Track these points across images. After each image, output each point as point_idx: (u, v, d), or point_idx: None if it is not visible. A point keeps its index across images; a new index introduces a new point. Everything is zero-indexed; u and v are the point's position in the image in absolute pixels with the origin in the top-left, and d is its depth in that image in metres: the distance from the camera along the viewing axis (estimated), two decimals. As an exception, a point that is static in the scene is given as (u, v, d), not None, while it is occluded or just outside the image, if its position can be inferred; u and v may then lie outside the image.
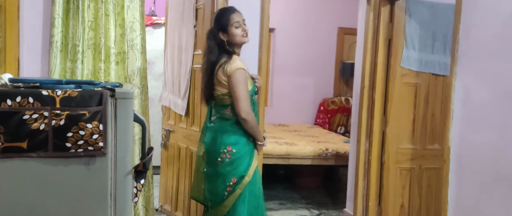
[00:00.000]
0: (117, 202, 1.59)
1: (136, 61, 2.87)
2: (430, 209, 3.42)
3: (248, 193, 2.45)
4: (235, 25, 2.42)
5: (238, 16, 2.44)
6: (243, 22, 2.46)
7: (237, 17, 2.44)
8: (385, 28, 3.28)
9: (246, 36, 2.46)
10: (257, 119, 2.51)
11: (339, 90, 5.96)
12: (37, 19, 2.72)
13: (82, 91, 1.51)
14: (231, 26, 2.42)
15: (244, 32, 2.44)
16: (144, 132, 1.72)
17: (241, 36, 2.44)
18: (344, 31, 5.87)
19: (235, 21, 2.42)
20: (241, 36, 2.44)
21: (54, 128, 1.48)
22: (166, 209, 3.73)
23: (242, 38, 2.45)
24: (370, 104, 3.36)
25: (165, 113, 3.80)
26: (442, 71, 3.34)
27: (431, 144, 3.40)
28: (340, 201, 4.18)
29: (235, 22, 2.42)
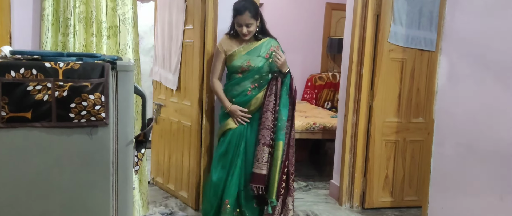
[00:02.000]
0: (119, 171, 1.66)
1: (128, 35, 2.88)
2: (413, 179, 3.58)
3: (216, 153, 2.98)
4: (238, 24, 2.81)
5: (243, 20, 2.77)
6: (246, 25, 2.78)
7: (241, 20, 2.78)
8: (373, 4, 3.34)
9: (245, 36, 2.83)
10: (252, 95, 2.87)
11: (326, 65, 6.04)
12: (28, -8, 2.70)
13: (84, 63, 1.54)
14: (236, 23, 2.83)
15: (242, 33, 2.80)
16: (144, 103, 1.77)
17: (241, 33, 2.83)
18: (332, 6, 5.90)
19: (238, 22, 2.80)
20: (241, 33, 2.83)
21: (57, 99, 1.52)
22: (158, 181, 3.81)
23: (241, 34, 2.84)
24: (358, 79, 3.45)
25: (156, 88, 3.84)
26: (428, 47, 3.43)
27: (415, 117, 3.52)
28: (327, 173, 4.32)
29: (238, 22, 2.80)
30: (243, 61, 2.83)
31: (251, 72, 2.84)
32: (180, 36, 3.36)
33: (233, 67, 2.86)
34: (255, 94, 2.86)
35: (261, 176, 2.80)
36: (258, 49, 2.86)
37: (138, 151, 1.74)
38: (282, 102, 2.81)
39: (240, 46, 2.87)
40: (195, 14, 3.21)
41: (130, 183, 1.70)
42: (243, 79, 2.86)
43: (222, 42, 2.91)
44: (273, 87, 2.82)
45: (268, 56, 2.85)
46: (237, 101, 2.88)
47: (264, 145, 2.79)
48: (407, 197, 3.58)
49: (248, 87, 2.86)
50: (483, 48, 2.24)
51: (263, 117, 2.81)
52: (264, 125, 2.80)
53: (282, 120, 2.80)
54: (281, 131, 2.80)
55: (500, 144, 2.14)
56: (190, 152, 3.35)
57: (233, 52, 2.86)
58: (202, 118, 3.22)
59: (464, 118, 2.35)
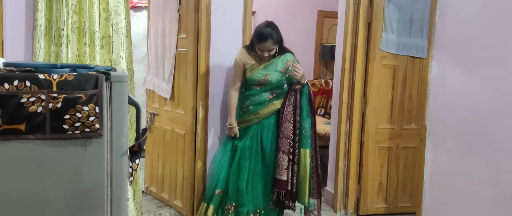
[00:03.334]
0: (113, 182, 1.65)
1: (121, 45, 2.88)
2: (406, 186, 3.60)
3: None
4: (260, 49, 2.93)
5: (264, 47, 2.89)
6: (268, 51, 2.91)
7: (263, 47, 2.90)
8: (365, 12, 3.38)
9: (266, 58, 2.96)
10: (263, 101, 3.00)
11: (319, 72, 6.07)
12: (20, 3, 2.70)
13: (78, 74, 1.54)
14: (257, 47, 2.94)
15: (264, 56, 2.93)
16: (138, 114, 1.77)
17: (262, 56, 2.95)
18: (324, 14, 5.95)
19: (260, 48, 2.92)
20: (262, 56, 2.95)
21: (51, 111, 1.52)
22: (152, 190, 3.79)
23: (263, 57, 2.96)
24: (350, 86, 3.47)
25: (149, 97, 3.83)
26: (419, 54, 3.47)
27: (408, 124, 3.55)
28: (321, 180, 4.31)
29: (260, 47, 2.92)
30: (260, 76, 2.96)
31: (268, 85, 2.98)
32: (174, 45, 3.37)
33: (251, 80, 2.99)
34: (273, 102, 3.02)
35: (282, 182, 2.95)
36: (275, 64, 2.98)
37: (133, 162, 1.73)
38: (304, 112, 2.95)
39: (257, 60, 2.99)
40: (188, 23, 3.22)
41: (125, 194, 1.70)
42: (261, 91, 2.99)
43: (241, 54, 3.02)
44: (292, 98, 2.96)
45: (285, 71, 2.97)
46: (253, 109, 3.01)
47: (283, 153, 2.94)
48: (401, 204, 3.60)
49: (266, 98, 3.00)
50: (474, 55, 2.27)
51: (283, 126, 2.96)
52: (284, 134, 2.95)
53: (306, 128, 2.93)
54: (306, 139, 2.94)
55: (491, 150, 2.16)
56: (184, 160, 3.34)
57: (251, 66, 2.98)
58: (196, 126, 3.22)
59: (456, 124, 2.37)
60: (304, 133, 2.95)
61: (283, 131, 2.96)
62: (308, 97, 3.00)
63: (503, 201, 2.12)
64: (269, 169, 3.03)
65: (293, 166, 2.96)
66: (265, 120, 3.02)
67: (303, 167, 2.95)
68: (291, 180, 2.96)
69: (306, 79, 2.99)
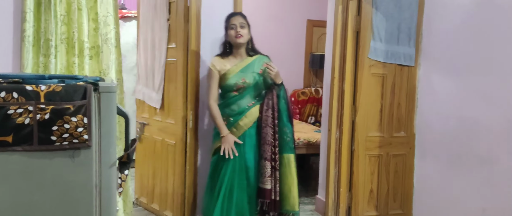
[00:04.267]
0: (102, 193, 1.64)
1: (110, 55, 2.87)
2: (397, 193, 3.61)
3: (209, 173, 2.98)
4: (231, 27, 2.85)
5: (236, 19, 2.83)
6: (240, 24, 2.83)
7: (235, 20, 2.83)
8: (353, 21, 3.41)
9: (239, 37, 2.83)
10: (242, 110, 2.88)
11: (309, 81, 6.10)
12: (7, 14, 2.68)
13: (66, 85, 1.54)
14: (228, 28, 2.86)
15: (236, 33, 2.82)
16: (127, 124, 1.77)
17: (234, 37, 2.84)
18: (313, 23, 6.00)
19: (232, 24, 2.85)
20: (234, 37, 2.84)
21: (39, 122, 1.50)
22: (142, 201, 3.76)
23: (234, 38, 2.84)
24: (340, 95, 3.49)
25: (139, 107, 3.82)
26: (407, 62, 3.50)
27: (397, 131, 3.57)
28: (312, 188, 4.32)
29: (231, 24, 2.85)
30: (238, 79, 2.86)
31: (247, 89, 2.88)
32: (163, 54, 3.37)
33: (228, 86, 2.88)
34: (251, 109, 2.90)
35: (267, 191, 2.85)
36: (252, 65, 2.91)
37: (122, 173, 1.72)
38: (284, 116, 2.87)
39: (233, 64, 2.90)
40: (178, 33, 3.23)
41: (114, 206, 1.68)
42: (240, 97, 2.89)
43: (214, 62, 2.92)
44: (269, 102, 2.86)
45: (262, 72, 2.90)
46: (233, 121, 2.88)
47: (266, 160, 2.85)
48: (392, 211, 3.61)
49: (245, 105, 2.90)
50: (460, 64, 2.31)
51: (263, 132, 2.85)
52: (265, 140, 2.85)
53: (287, 133, 2.86)
54: (289, 145, 2.87)
55: (480, 158, 2.19)
56: (174, 171, 3.32)
57: (227, 71, 2.88)
58: (186, 136, 3.21)
59: (444, 132, 2.40)
60: (286, 138, 2.87)
61: (264, 137, 2.86)
62: (286, 100, 2.91)
63: (492, 209, 2.14)
64: (252, 184, 2.90)
65: (275, 173, 2.87)
66: (246, 131, 2.90)
67: (289, 173, 2.87)
68: (274, 188, 2.87)
69: (281, 79, 2.91)
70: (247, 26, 2.89)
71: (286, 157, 2.86)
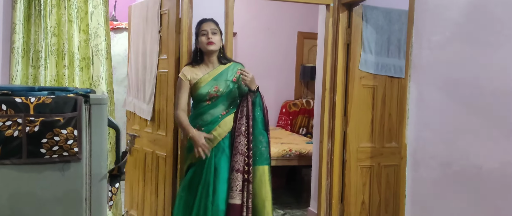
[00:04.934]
0: (92, 207, 1.61)
1: (101, 67, 2.86)
2: (389, 204, 3.61)
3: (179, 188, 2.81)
4: (202, 33, 2.72)
5: (207, 25, 2.71)
6: (212, 31, 2.70)
7: (206, 26, 2.71)
8: (343, 33, 3.44)
9: (211, 44, 2.70)
10: (215, 119, 2.72)
11: (300, 92, 6.12)
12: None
13: (56, 97, 1.52)
14: (200, 34, 2.74)
15: (208, 40, 2.68)
16: (118, 136, 1.75)
17: (205, 43, 2.71)
18: (304, 35, 6.04)
19: (203, 30, 2.72)
20: (205, 43, 2.71)
21: (28, 135, 1.48)
22: (132, 214, 3.71)
23: (205, 45, 2.71)
24: (331, 106, 3.50)
25: (129, 118, 3.79)
26: (397, 74, 3.54)
27: (388, 142, 3.59)
28: (304, 200, 4.31)
29: (202, 30, 2.72)
30: (210, 87, 2.70)
31: (220, 98, 2.72)
32: (154, 66, 3.35)
33: (200, 95, 2.71)
34: (224, 118, 2.72)
35: (236, 207, 2.57)
36: (225, 73, 2.75)
37: (112, 186, 1.70)
38: (259, 125, 2.68)
39: (205, 72, 2.75)
40: (169, 44, 3.22)
41: (104, 219, 1.66)
42: (212, 106, 2.72)
43: (185, 71, 2.78)
44: (244, 109, 2.68)
45: (236, 80, 2.74)
46: (207, 130, 2.69)
47: (237, 172, 2.60)
48: (384, 222, 3.61)
49: (218, 114, 2.72)
50: (449, 75, 2.33)
51: (236, 142, 2.64)
52: (237, 150, 2.63)
53: (263, 143, 2.67)
54: (264, 156, 2.67)
55: (471, 168, 2.20)
56: (165, 183, 3.29)
57: (199, 80, 2.72)
58: (177, 148, 3.19)
59: (435, 143, 2.41)
60: (260, 148, 2.65)
61: (237, 146, 2.63)
62: (262, 108, 2.73)
63: (483, 218, 2.15)
64: (222, 200, 2.62)
65: (248, 187, 2.60)
66: (220, 143, 2.69)
67: (263, 187, 2.62)
68: (246, 203, 2.59)
69: (257, 86, 2.71)
70: (219, 32, 2.77)
71: (261, 169, 2.63)
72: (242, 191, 2.59)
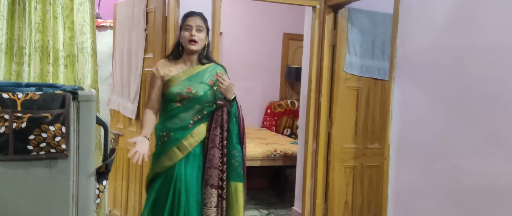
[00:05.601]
0: (79, 204, 1.60)
1: (86, 64, 2.83)
2: (371, 204, 3.67)
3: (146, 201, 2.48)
4: (186, 28, 2.42)
5: (193, 21, 2.42)
6: (197, 28, 2.41)
7: (192, 21, 2.41)
8: (329, 35, 3.49)
9: (193, 44, 2.39)
10: (185, 125, 2.41)
11: (285, 93, 6.16)
12: (-20, 20, 2.61)
13: (44, 93, 1.50)
14: (183, 28, 2.44)
15: (191, 37, 2.39)
16: (106, 134, 1.74)
17: (187, 41, 2.40)
18: (289, 36, 6.08)
19: (187, 24, 2.42)
20: (187, 41, 2.40)
21: (15, 131, 1.46)
22: (115, 214, 3.67)
23: (187, 43, 2.41)
24: (316, 107, 3.54)
25: (113, 117, 3.75)
26: (381, 76, 3.60)
27: (371, 143, 3.64)
28: (288, 200, 4.34)
29: (186, 25, 2.42)
30: (182, 87, 2.39)
31: (192, 101, 2.40)
32: (140, 64, 3.34)
33: (171, 95, 2.40)
34: (196, 127, 2.43)
35: None
36: (202, 74, 2.44)
37: (100, 183, 1.69)
38: (234, 138, 2.42)
39: (180, 70, 2.44)
40: (156, 43, 3.21)
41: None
42: (183, 109, 2.41)
43: (159, 66, 2.47)
44: (218, 119, 2.41)
45: (213, 83, 2.43)
46: (174, 137, 2.40)
47: (212, 188, 2.39)
48: (366, 222, 3.66)
49: (189, 120, 2.41)
50: (432, 78, 2.39)
51: (210, 154, 2.39)
52: (212, 163, 2.39)
53: (236, 157, 2.41)
54: (238, 171, 2.42)
55: (453, 169, 2.26)
56: (150, 182, 3.27)
57: (172, 77, 2.42)
58: (162, 147, 3.17)
59: (418, 144, 2.46)
60: (234, 163, 2.41)
61: (211, 159, 2.39)
62: (238, 119, 2.44)
63: (463, 217, 2.20)
64: (193, 211, 2.39)
65: (222, 203, 2.40)
66: (190, 151, 2.41)
67: (235, 205, 2.39)
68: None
69: (234, 95, 2.41)
70: (205, 30, 2.45)
71: (233, 186, 2.40)
72: (216, 207, 2.40)
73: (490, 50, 2.09)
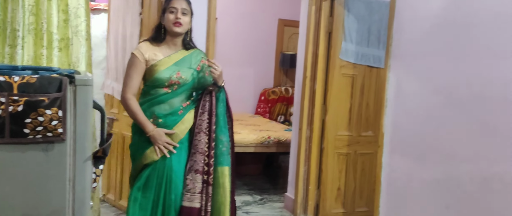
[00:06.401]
0: (76, 188, 1.60)
1: (80, 48, 2.80)
2: (363, 191, 3.71)
3: (133, 189, 2.38)
4: (170, 10, 2.35)
5: (178, 3, 2.35)
6: (182, 10, 2.35)
7: (177, 4, 2.35)
8: (326, 22, 3.48)
9: (178, 25, 2.34)
10: (175, 110, 2.38)
11: (279, 80, 6.16)
12: (-29, 1, 2.56)
13: (41, 77, 1.49)
14: (167, 11, 2.36)
15: (176, 19, 2.33)
16: (103, 118, 1.73)
17: (172, 23, 2.34)
18: (284, 23, 6.06)
19: (172, 6, 2.35)
20: (172, 23, 2.34)
21: (11, 114, 1.45)
22: (109, 198, 3.68)
23: (171, 25, 2.35)
24: (311, 94, 3.55)
25: (107, 101, 3.74)
26: (376, 64, 3.60)
27: (365, 131, 3.67)
28: (281, 186, 4.38)
29: (171, 7, 2.35)
30: (172, 73, 2.34)
31: (183, 86, 2.37)
32: (135, 49, 3.31)
33: (159, 80, 2.33)
34: (186, 113, 2.40)
35: (194, 210, 2.32)
36: (188, 59, 2.42)
37: (96, 167, 1.69)
38: (221, 122, 2.40)
39: (166, 55, 2.38)
40: (150, 27, 3.17)
41: (88, 200, 1.65)
42: (172, 95, 2.36)
43: (142, 49, 2.37)
44: (206, 104, 2.40)
45: (200, 69, 2.42)
46: (164, 123, 2.35)
47: (196, 173, 2.34)
48: (358, 208, 3.71)
49: (179, 106, 2.38)
50: (427, 67, 2.40)
51: (195, 139, 2.36)
52: (197, 148, 2.35)
53: (223, 142, 2.39)
54: (224, 156, 2.39)
55: (446, 157, 2.29)
56: (144, 167, 3.27)
57: (158, 62, 2.34)
58: (157, 132, 3.17)
59: (412, 132, 2.49)
60: (221, 148, 2.38)
61: (196, 145, 2.36)
62: (226, 104, 2.44)
63: (456, 206, 2.24)
64: (174, 203, 2.33)
65: (208, 189, 2.35)
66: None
67: (221, 190, 2.35)
68: (205, 207, 2.34)
69: (223, 81, 2.42)
70: (189, 13, 2.40)
71: (220, 170, 2.36)
72: (201, 194, 2.34)
73: (485, 38, 2.11)
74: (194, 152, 2.36)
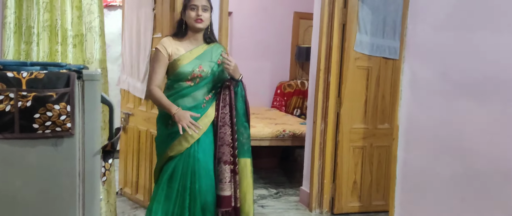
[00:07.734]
0: (86, 182, 1.62)
1: (94, 44, 2.83)
2: (380, 184, 3.66)
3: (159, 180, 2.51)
4: (191, 7, 2.47)
5: (199, 1, 2.48)
6: (203, 7, 2.48)
7: (197, 1, 2.47)
8: (339, 13, 3.43)
9: (199, 22, 2.46)
10: (198, 103, 2.48)
11: (295, 73, 6.12)
12: (-12, -1, 2.62)
13: (49, 72, 1.51)
14: (188, 8, 2.49)
15: (197, 16, 2.46)
16: (111, 113, 1.75)
17: (193, 20, 2.47)
18: (300, 15, 6.00)
19: (193, 4, 2.48)
20: (193, 20, 2.47)
21: (20, 110, 1.48)
22: (126, 192, 3.74)
23: (193, 21, 2.47)
24: (325, 87, 3.51)
25: (123, 96, 3.78)
26: (392, 55, 3.54)
27: (381, 123, 3.61)
28: (296, 180, 4.36)
29: (192, 4, 2.48)
30: (194, 66, 2.45)
31: (204, 80, 2.49)
32: (149, 44, 3.33)
33: (182, 74, 2.44)
34: (209, 107, 2.52)
35: (226, 198, 2.50)
36: (209, 53, 2.53)
37: (106, 162, 1.71)
38: (241, 116, 2.53)
39: (188, 49, 2.51)
40: (164, 22, 3.20)
41: (97, 195, 1.67)
42: (195, 88, 2.48)
43: (165, 44, 2.49)
44: (226, 98, 2.52)
45: (221, 62, 2.55)
46: None
47: (225, 164, 2.50)
48: (375, 202, 3.66)
49: (202, 99, 2.50)
50: (443, 57, 2.34)
51: (221, 132, 2.49)
52: (224, 141, 2.50)
53: (244, 135, 2.54)
54: (246, 147, 2.54)
55: (462, 150, 2.23)
56: (159, 161, 3.30)
57: (181, 56, 2.46)
58: (171, 127, 3.19)
59: (427, 125, 2.43)
60: (242, 140, 2.53)
61: (222, 137, 2.49)
62: (244, 99, 2.55)
63: (472, 199, 2.18)
64: (208, 188, 2.46)
65: (235, 178, 2.52)
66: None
67: (245, 179, 2.53)
68: (234, 194, 2.52)
69: (241, 75, 2.52)
70: (210, 9, 2.52)
71: (243, 162, 2.53)
72: (230, 182, 2.51)
73: (503, 30, 2.03)
74: (221, 144, 2.50)
